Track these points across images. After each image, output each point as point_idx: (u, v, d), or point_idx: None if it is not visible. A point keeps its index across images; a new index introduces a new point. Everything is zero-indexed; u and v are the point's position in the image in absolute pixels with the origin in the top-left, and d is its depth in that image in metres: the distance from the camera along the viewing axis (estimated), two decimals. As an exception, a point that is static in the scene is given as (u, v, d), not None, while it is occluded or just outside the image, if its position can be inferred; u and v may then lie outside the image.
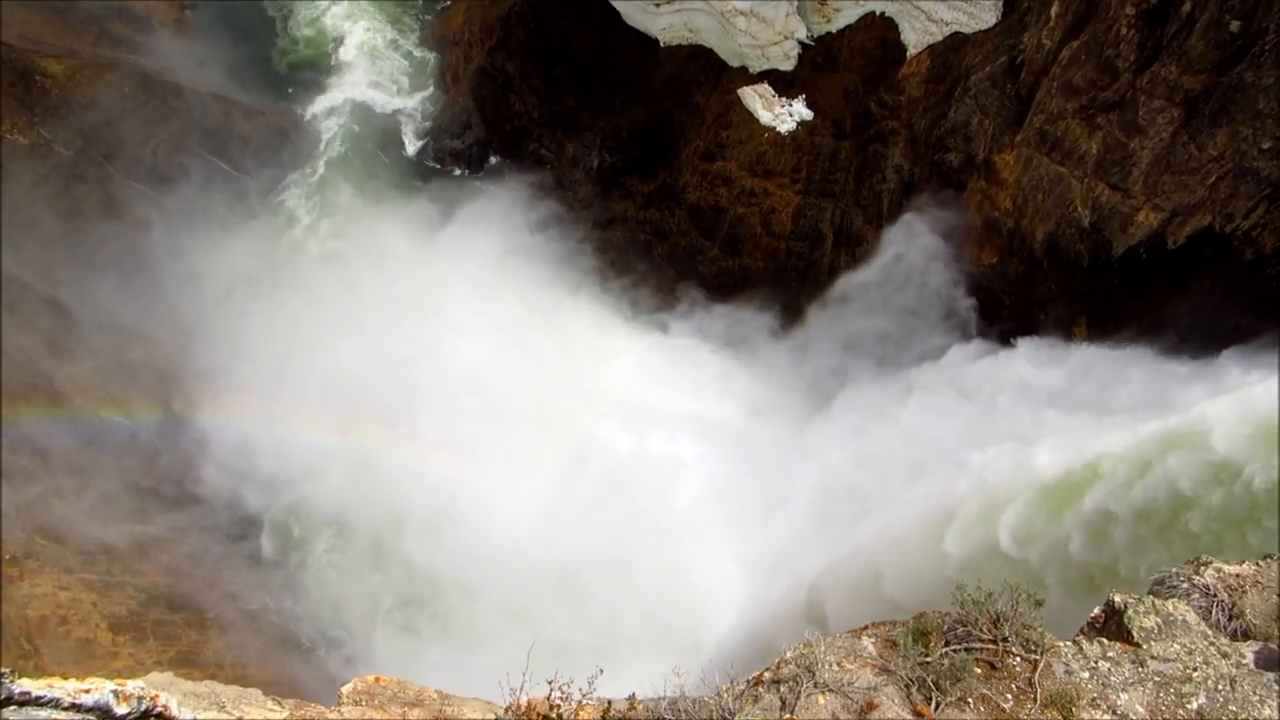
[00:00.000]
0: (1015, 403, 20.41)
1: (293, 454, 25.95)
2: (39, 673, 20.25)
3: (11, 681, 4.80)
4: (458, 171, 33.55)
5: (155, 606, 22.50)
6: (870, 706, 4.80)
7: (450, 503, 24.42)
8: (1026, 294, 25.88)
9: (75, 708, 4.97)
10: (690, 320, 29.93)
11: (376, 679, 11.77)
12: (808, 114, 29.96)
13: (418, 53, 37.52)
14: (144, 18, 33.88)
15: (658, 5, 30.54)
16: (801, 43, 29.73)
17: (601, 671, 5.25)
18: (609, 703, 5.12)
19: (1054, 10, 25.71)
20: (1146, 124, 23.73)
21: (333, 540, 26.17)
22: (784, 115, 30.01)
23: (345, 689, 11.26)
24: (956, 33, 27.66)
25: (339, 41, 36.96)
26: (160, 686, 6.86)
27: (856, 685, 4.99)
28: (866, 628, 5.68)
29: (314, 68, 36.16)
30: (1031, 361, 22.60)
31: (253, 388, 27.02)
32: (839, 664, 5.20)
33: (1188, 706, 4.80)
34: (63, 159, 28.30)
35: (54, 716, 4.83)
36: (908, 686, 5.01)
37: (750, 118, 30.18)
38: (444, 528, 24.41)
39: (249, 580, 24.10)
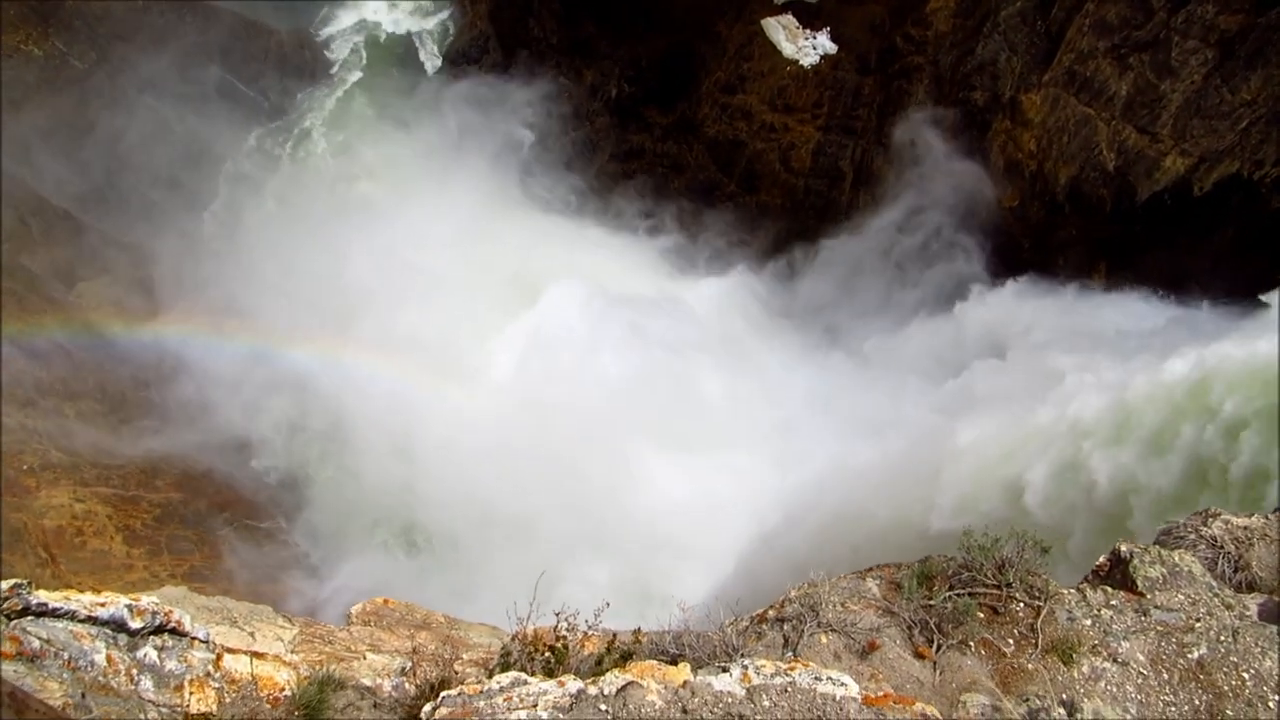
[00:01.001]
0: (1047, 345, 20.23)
1: (302, 375, 26.11)
2: (56, 581, 20.82)
3: (29, 593, 4.90)
4: (473, 93, 32.99)
5: (169, 522, 22.91)
6: (872, 646, 4.87)
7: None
8: (1046, 239, 25.58)
9: (91, 620, 5.08)
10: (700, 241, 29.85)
11: (385, 601, 12.02)
12: (831, 47, 29.27)
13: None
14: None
15: (682, -72, 29.70)
16: (828, -29, 28.94)
17: (608, 604, 5.33)
18: (614, 634, 5.21)
19: (1091, -56, 24.93)
20: (1179, 65, 23.17)
21: (337, 460, 26.41)
22: (807, 48, 29.33)
23: (354, 609, 11.51)
24: (989, -35, 26.86)
25: (357, -41, 36.14)
26: (174, 601, 7.00)
27: (859, 626, 5.05)
28: (871, 569, 5.73)
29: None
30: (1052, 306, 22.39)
31: (265, 308, 27.07)
32: (842, 604, 5.25)
33: (1189, 656, 4.84)
34: (77, 72, 27.98)
35: (70, 628, 4.94)
36: (910, 628, 5.07)
37: (773, 50, 29.52)
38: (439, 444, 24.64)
39: (261, 500, 24.46)
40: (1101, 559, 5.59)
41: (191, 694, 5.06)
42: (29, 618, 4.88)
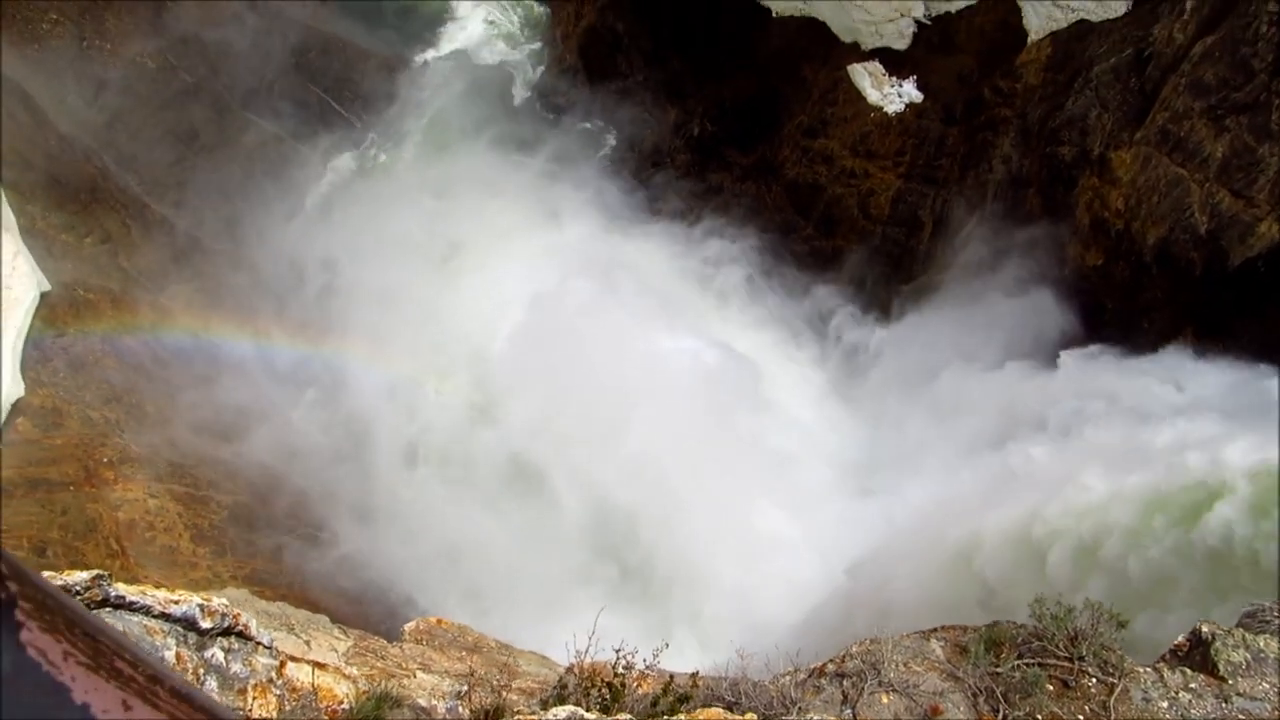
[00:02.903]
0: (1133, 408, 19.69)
1: (382, 391, 26.74)
2: (124, 574, 21.41)
3: (109, 585, 5.09)
4: (560, 125, 33.63)
5: (236, 523, 23.49)
6: (935, 711, 4.74)
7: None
8: (1131, 299, 24.90)
9: (164, 616, 5.24)
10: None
11: (439, 621, 12.12)
12: (917, 96, 29.13)
13: (531, 7, 37.61)
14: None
15: (774, -28, 29.97)
16: (918, 21, 28.85)
17: (666, 645, 5.30)
18: (671, 676, 5.17)
19: (1189, 3, 24.44)
20: (1279, 129, 22.51)
21: (412, 475, 26.85)
22: (893, 96, 29.23)
23: (408, 626, 11.63)
24: (1083, 20, 26.50)
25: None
26: (238, 603, 7.18)
27: (922, 688, 4.93)
28: (936, 630, 5.59)
29: (430, 16, 36.62)
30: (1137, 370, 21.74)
31: (355, 325, 27.89)
32: (905, 664, 5.13)
33: (1269, 750, 4.61)
34: (185, 85, 29.28)
35: (145, 623, 5.11)
36: (975, 695, 4.92)
37: (857, 96, 29.48)
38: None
39: (329, 509, 24.91)
40: (1180, 638, 5.38)
41: (254, 699, 5.17)
42: (107, 609, 5.07)
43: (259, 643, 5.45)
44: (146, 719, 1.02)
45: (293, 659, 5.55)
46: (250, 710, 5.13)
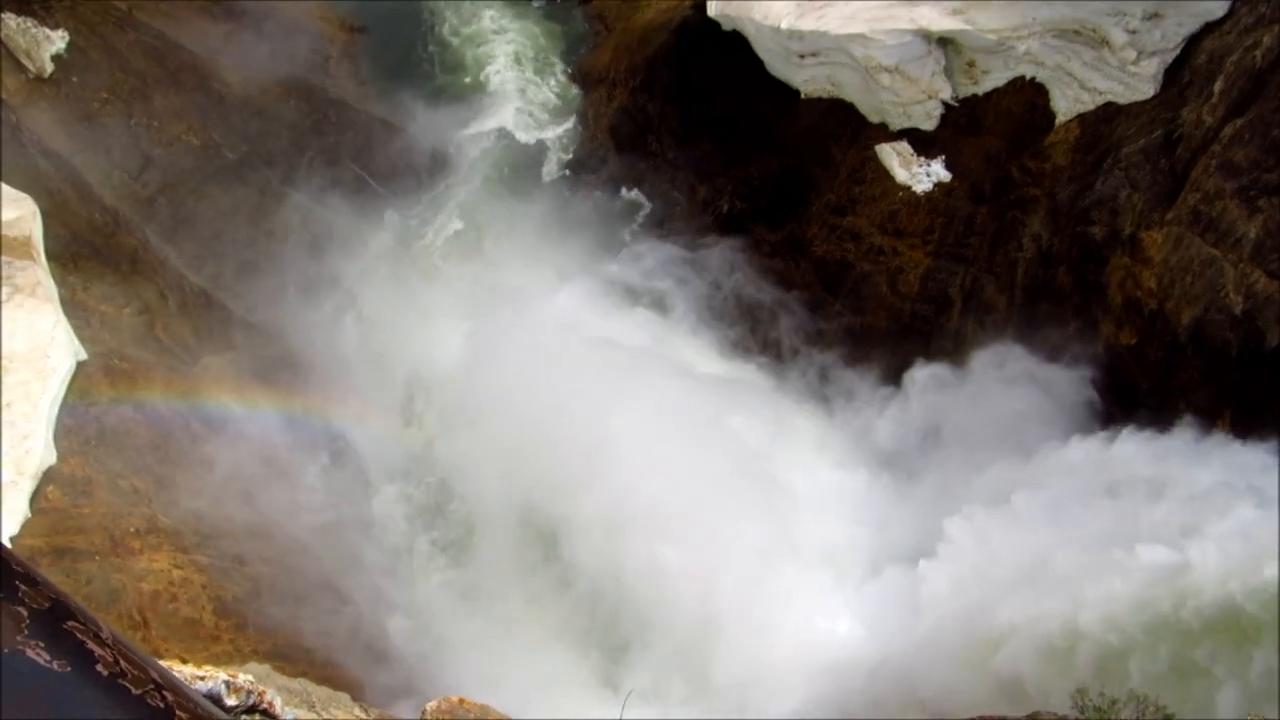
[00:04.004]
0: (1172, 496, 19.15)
1: (407, 461, 26.80)
2: (146, 645, 21.25)
3: (134, 658, 4.97)
4: (590, 202, 34.24)
5: (259, 597, 23.30)
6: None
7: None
8: (1166, 380, 24.54)
9: (188, 692, 5.10)
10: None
11: (460, 700, 11.84)
12: (945, 175, 29.36)
13: (563, 88, 38.63)
14: (316, 35, 36.04)
15: (802, 57, 30.57)
16: (945, 103, 29.23)
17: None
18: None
19: (1217, 86, 24.61)
20: (1314, 212, 22.40)
21: (434, 548, 26.73)
22: (921, 175, 29.49)
23: (429, 705, 11.36)
24: (1110, 102, 26.72)
25: (492, 74, 38.47)
26: (260, 679, 7.04)
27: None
28: (982, 720, 5.32)
29: (466, 96, 37.71)
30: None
31: (374, 393, 28.11)
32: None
33: None
34: (227, 162, 30.15)
35: (167, 697, 4.96)
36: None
37: (885, 175, 29.78)
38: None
39: (354, 580, 24.75)
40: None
41: (276, 778, 4.99)
42: (129, 683, 4.93)
43: (282, 720, 5.30)
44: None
45: (315, 738, 5.38)
46: (270, 791, 4.95)
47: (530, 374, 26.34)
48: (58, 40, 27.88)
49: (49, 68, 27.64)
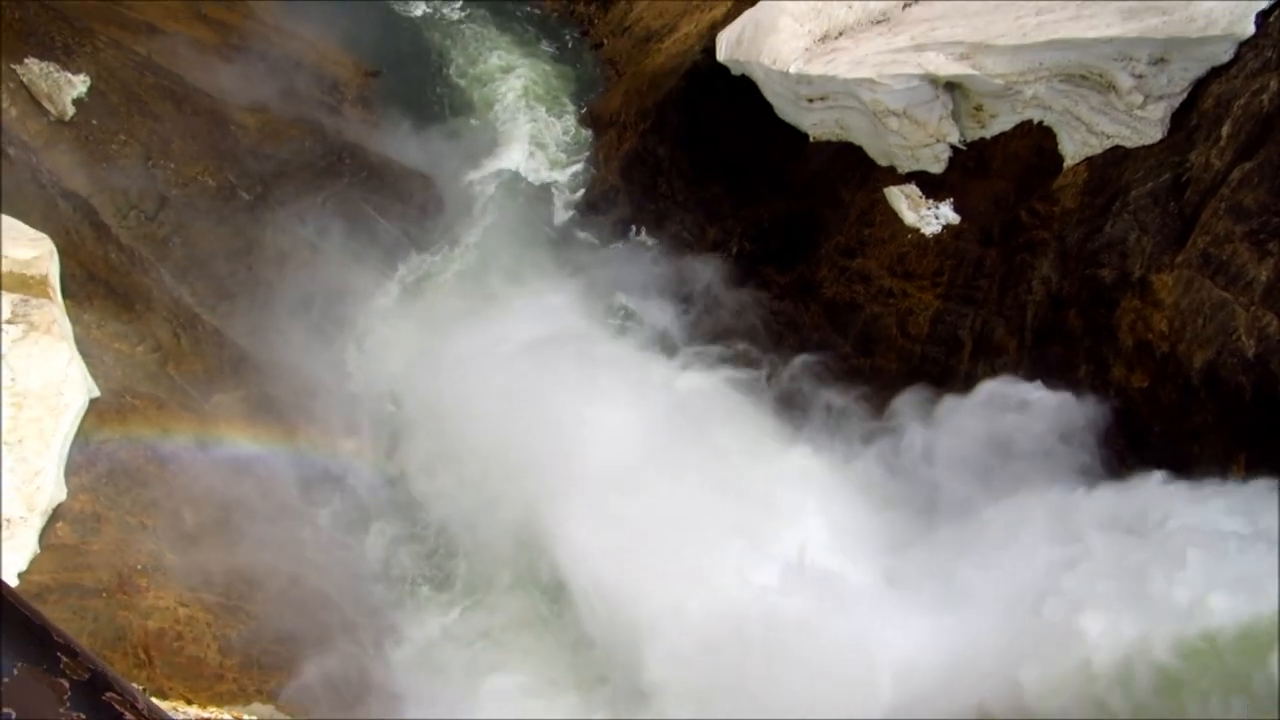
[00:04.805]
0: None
1: (409, 498, 26.77)
2: (150, 684, 21.10)
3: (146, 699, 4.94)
4: (600, 243, 34.55)
5: (265, 636, 23.15)
6: None
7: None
8: (1179, 424, 24.36)
9: (193, 729, 5.08)
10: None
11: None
12: (954, 218, 29.50)
13: (574, 131, 39.18)
14: (331, 80, 36.73)
15: (810, 101, 30.91)
16: (953, 146, 29.47)
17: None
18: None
19: (1225, 130, 24.73)
20: (1325, 255, 22.37)
21: (439, 592, 26.58)
22: (929, 217, 29.64)
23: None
24: (1118, 146, 26.88)
25: (502, 116, 39.07)
26: None
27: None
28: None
29: (477, 138, 38.31)
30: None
31: (377, 431, 28.18)
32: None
33: None
34: (243, 203, 30.57)
35: (172, 733, 4.94)
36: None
37: (894, 217, 29.94)
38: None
39: (359, 619, 24.60)
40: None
41: (277, 814, 4.95)
42: None
43: (284, 756, 5.25)
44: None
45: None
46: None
47: (524, 406, 26.63)
48: (79, 84, 28.43)
49: (70, 111, 28.16)
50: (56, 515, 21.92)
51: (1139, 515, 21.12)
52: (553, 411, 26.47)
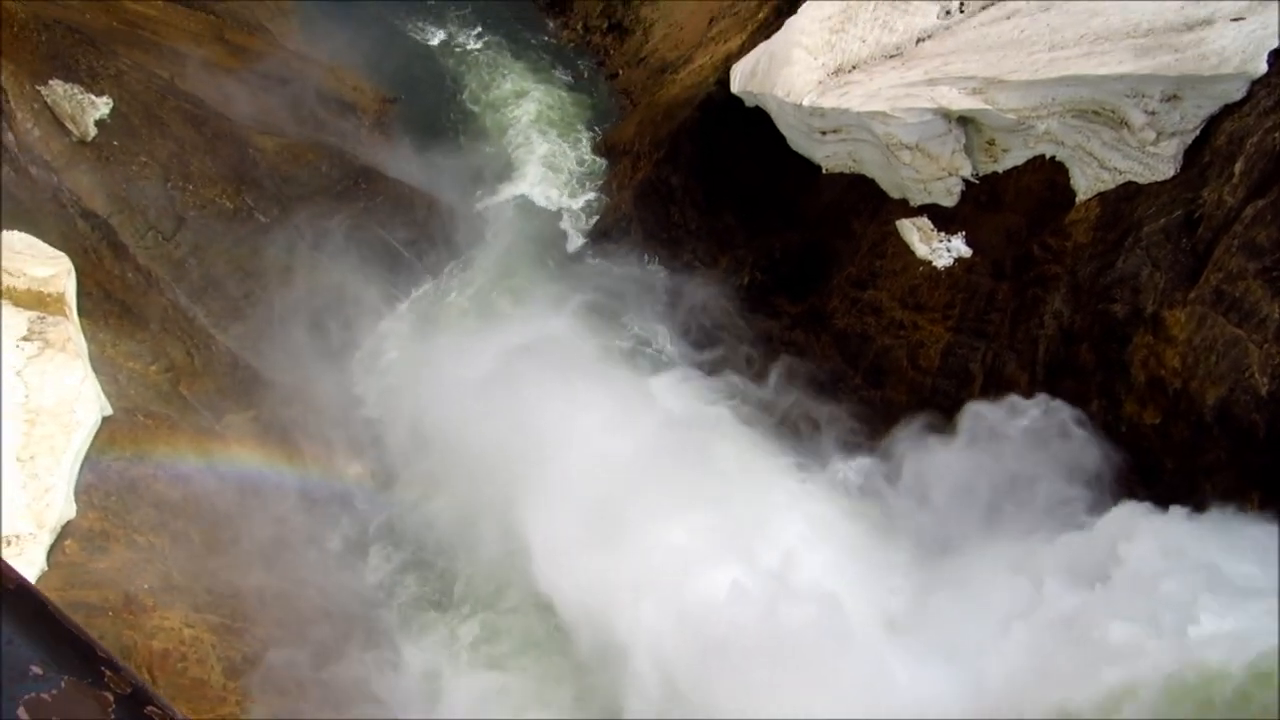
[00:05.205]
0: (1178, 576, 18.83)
1: (438, 532, 26.83)
2: (154, 706, 21.01)
3: None
4: (611, 271, 34.71)
5: (269, 659, 23.06)
6: None
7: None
8: (1191, 460, 24.23)
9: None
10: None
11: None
12: (966, 251, 29.54)
13: (589, 159, 39.50)
14: (350, 106, 37.19)
15: (823, 133, 31.10)
16: (966, 180, 29.57)
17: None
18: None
19: (1238, 167, 24.77)
20: (1339, 294, 22.33)
21: (442, 614, 26.48)
22: (941, 250, 29.69)
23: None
24: (1130, 182, 26.92)
25: (517, 143, 39.45)
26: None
27: None
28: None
29: (494, 165, 38.66)
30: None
31: (396, 459, 28.24)
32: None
33: None
34: (259, 225, 30.86)
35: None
36: None
37: (906, 249, 30.00)
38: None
39: (364, 644, 24.51)
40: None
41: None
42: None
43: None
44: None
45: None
46: None
47: (528, 430, 26.72)
48: (102, 106, 28.83)
49: (92, 132, 28.53)
50: (65, 533, 21.96)
51: (1154, 552, 20.97)
52: (553, 435, 26.58)
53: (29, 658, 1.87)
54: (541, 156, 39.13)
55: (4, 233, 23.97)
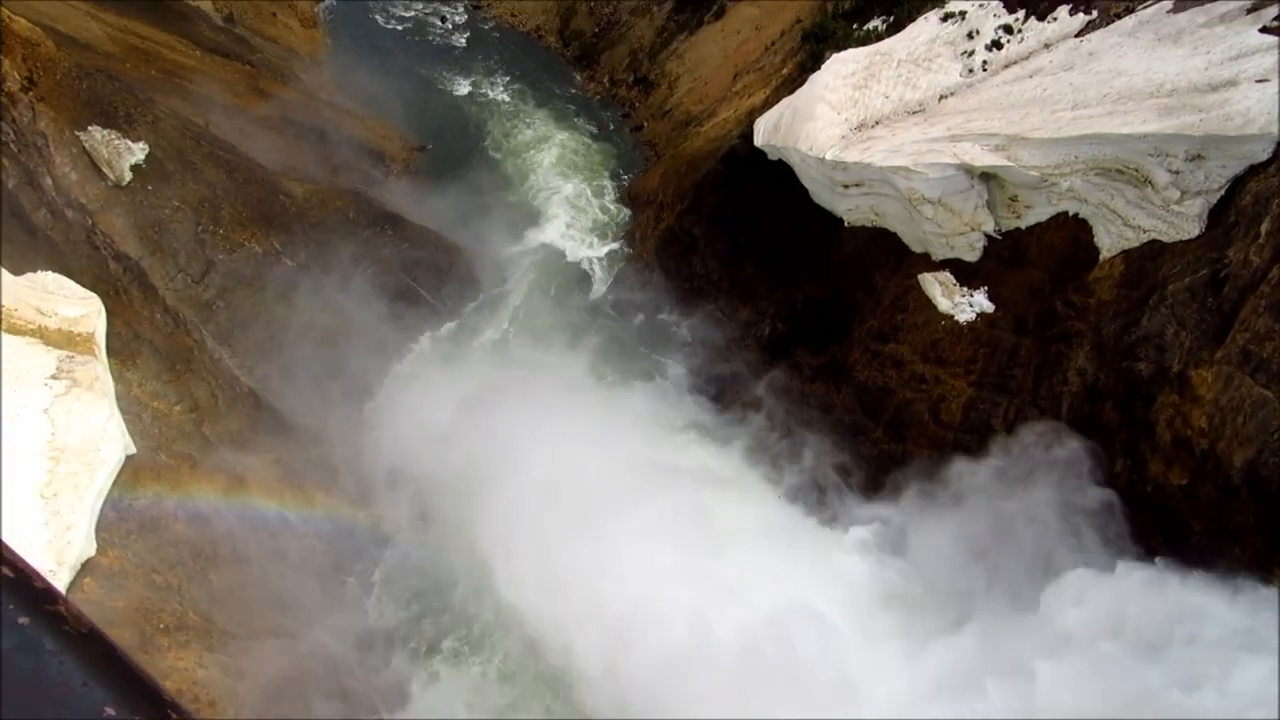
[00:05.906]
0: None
1: (455, 573, 26.70)
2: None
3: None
4: (632, 319, 34.87)
5: (281, 700, 22.87)
6: None
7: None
8: (1219, 523, 23.83)
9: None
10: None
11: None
12: (988, 306, 29.51)
13: (612, 209, 39.94)
14: (379, 153, 37.85)
15: (846, 187, 31.35)
16: (988, 235, 29.66)
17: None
18: None
19: (1264, 227, 24.72)
20: (1368, 356, 22.10)
21: (452, 658, 26.27)
22: (963, 305, 29.67)
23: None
24: (1155, 240, 26.90)
25: (541, 190, 39.98)
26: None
27: None
28: None
29: (518, 215, 39.12)
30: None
31: (408, 500, 28.20)
32: None
33: None
34: (286, 269, 31.26)
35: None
36: None
37: (928, 304, 30.00)
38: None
39: (375, 686, 24.29)
40: None
41: None
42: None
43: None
44: None
45: None
46: None
47: (553, 481, 26.72)
48: (138, 151, 29.45)
49: (127, 177, 29.12)
50: (85, 570, 21.96)
51: (1172, 619, 20.62)
52: (568, 481, 26.60)
53: (103, 699, 1.90)
54: (566, 204, 39.68)
55: (38, 273, 24.38)
